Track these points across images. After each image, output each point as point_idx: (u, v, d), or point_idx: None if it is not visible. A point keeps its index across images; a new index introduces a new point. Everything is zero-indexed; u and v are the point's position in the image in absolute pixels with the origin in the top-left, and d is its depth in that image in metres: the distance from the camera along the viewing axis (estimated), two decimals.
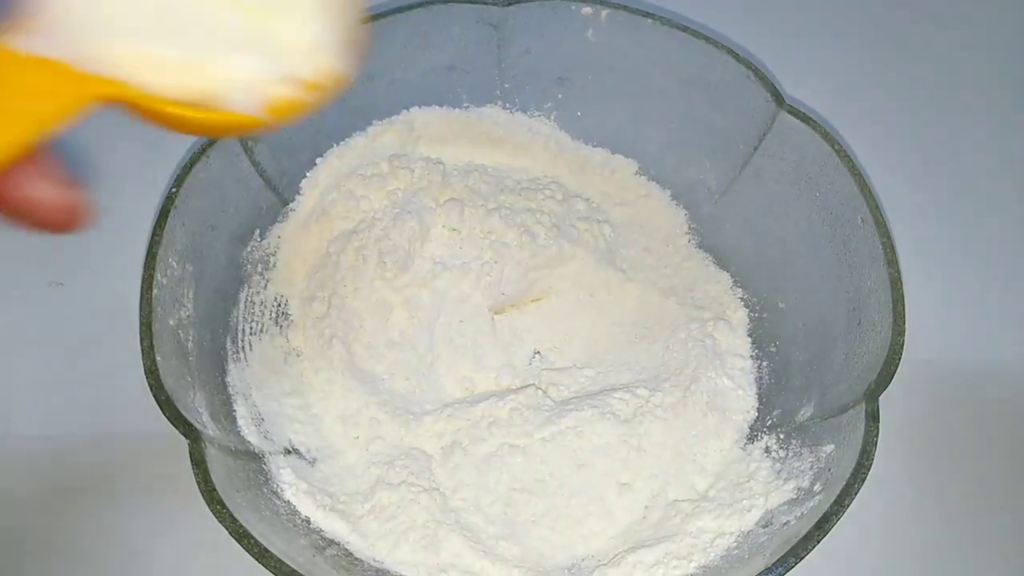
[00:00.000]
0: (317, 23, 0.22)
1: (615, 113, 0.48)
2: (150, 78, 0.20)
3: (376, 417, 0.41)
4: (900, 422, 0.41)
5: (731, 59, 0.43)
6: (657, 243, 0.47)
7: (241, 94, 0.21)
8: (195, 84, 0.21)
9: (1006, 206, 0.52)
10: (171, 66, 0.20)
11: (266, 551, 0.30)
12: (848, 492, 0.32)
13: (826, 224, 0.41)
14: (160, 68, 0.20)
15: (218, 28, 0.21)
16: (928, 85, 0.57)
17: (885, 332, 0.35)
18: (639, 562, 0.36)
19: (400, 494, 0.38)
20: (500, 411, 0.41)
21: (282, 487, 0.37)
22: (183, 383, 0.35)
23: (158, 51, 0.20)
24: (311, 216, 0.45)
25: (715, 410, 0.41)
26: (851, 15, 0.60)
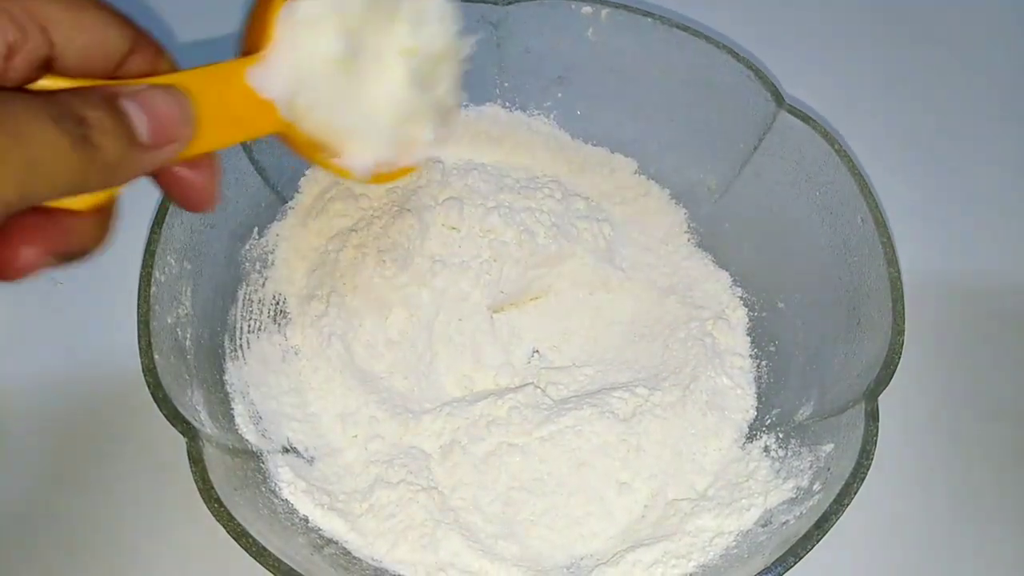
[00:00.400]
0: (428, 133, 0.31)
1: (615, 112, 0.48)
2: (313, 128, 0.28)
3: (375, 416, 0.41)
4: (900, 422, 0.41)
5: (731, 58, 0.43)
6: (656, 242, 0.47)
7: (360, 162, 0.29)
8: (336, 144, 0.28)
9: (1006, 205, 0.52)
10: (329, 129, 0.28)
11: (264, 550, 0.30)
12: (847, 491, 0.32)
13: (826, 223, 0.41)
14: (321, 126, 0.28)
15: (371, 118, 0.29)
16: (928, 85, 0.57)
17: (885, 331, 0.35)
18: (638, 561, 0.36)
19: (399, 493, 0.38)
20: (499, 410, 0.41)
21: (280, 485, 0.37)
22: (181, 381, 0.35)
23: (327, 117, 0.27)
24: (310, 214, 0.45)
25: (714, 409, 0.41)
26: (851, 15, 0.60)
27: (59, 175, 0.21)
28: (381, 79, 0.29)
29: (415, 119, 0.30)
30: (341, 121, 0.28)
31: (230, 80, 0.26)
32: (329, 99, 0.27)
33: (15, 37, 0.22)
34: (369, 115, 0.29)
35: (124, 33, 0.24)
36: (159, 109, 0.23)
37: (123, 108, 0.22)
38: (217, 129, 0.25)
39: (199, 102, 0.24)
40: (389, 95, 0.29)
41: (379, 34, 0.29)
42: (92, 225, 0.24)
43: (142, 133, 0.22)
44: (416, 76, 0.29)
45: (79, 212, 0.23)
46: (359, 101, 0.28)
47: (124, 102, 0.22)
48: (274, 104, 0.26)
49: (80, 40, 0.23)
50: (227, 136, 0.26)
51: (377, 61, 0.29)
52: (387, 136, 0.29)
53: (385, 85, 0.29)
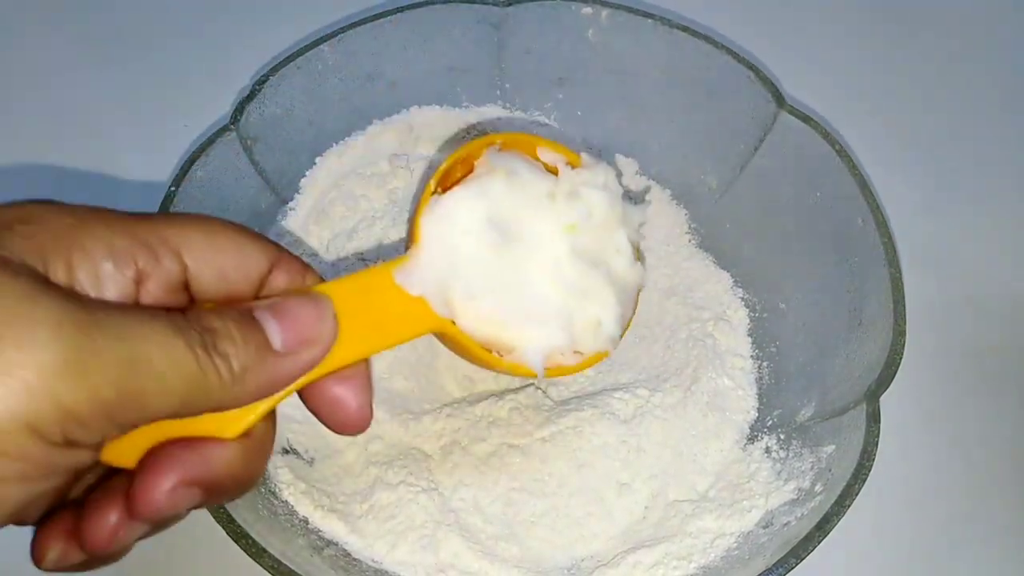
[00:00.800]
0: (611, 315, 0.29)
1: (615, 113, 0.48)
2: (473, 326, 0.26)
3: (375, 416, 0.41)
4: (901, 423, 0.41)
5: (732, 59, 0.43)
6: (657, 243, 0.47)
7: (534, 356, 0.27)
8: (503, 337, 0.27)
9: (1007, 205, 0.52)
10: (492, 320, 0.26)
11: (263, 551, 0.30)
12: (849, 493, 0.32)
13: (827, 224, 0.41)
14: (483, 320, 0.26)
15: (540, 301, 0.27)
16: (928, 85, 0.57)
17: (886, 332, 0.35)
18: (639, 563, 0.36)
19: (399, 494, 0.38)
20: (499, 411, 0.41)
21: (280, 487, 0.37)
22: None
23: (487, 307, 0.26)
24: (310, 215, 0.45)
25: (715, 410, 0.41)
26: (851, 15, 0.60)
27: (172, 379, 0.19)
28: (545, 261, 0.27)
29: (590, 299, 0.28)
30: (504, 309, 0.27)
31: (377, 283, 0.25)
32: (487, 287, 0.26)
33: (145, 263, 0.21)
34: (535, 300, 0.27)
35: (263, 252, 0.24)
36: (293, 311, 0.22)
37: (255, 316, 0.22)
38: (366, 334, 0.24)
39: (344, 307, 0.23)
40: (555, 277, 0.27)
41: (537, 215, 0.27)
42: (240, 453, 0.22)
43: (275, 338, 0.22)
44: (583, 252, 0.28)
45: (225, 440, 0.22)
46: (521, 287, 0.27)
47: (256, 311, 0.22)
48: (426, 301, 0.25)
49: (216, 262, 0.23)
50: (378, 342, 0.25)
51: (538, 243, 0.27)
52: (559, 320, 0.27)
53: (549, 267, 0.27)
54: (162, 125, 0.52)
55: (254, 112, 0.41)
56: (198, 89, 0.54)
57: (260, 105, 0.42)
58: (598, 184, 0.29)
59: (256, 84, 0.42)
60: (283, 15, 0.58)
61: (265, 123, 0.42)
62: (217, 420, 0.22)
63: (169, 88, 0.54)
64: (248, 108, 0.41)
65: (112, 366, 0.18)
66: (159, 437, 0.21)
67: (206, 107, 0.51)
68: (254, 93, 0.41)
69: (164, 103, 0.54)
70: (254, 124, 0.41)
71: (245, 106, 0.41)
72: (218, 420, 0.22)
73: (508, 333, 0.27)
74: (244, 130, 0.41)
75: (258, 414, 0.23)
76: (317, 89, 0.44)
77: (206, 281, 0.23)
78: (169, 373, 0.19)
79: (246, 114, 0.41)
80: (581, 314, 0.28)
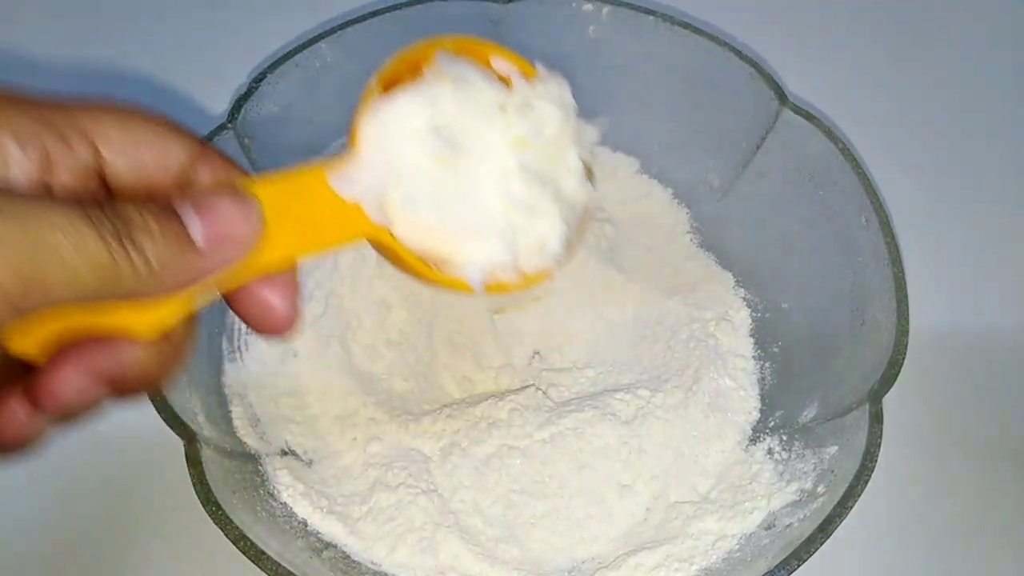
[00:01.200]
0: (556, 233, 0.27)
1: (616, 111, 0.47)
2: (410, 235, 0.25)
3: (374, 417, 0.41)
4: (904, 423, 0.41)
5: (734, 56, 0.42)
6: (659, 242, 0.47)
7: (474, 271, 0.26)
8: (442, 250, 0.26)
9: (1011, 205, 0.52)
10: (432, 231, 0.25)
11: (262, 553, 0.30)
12: (851, 494, 0.32)
13: (829, 223, 0.40)
14: (423, 230, 0.25)
15: (483, 215, 0.26)
16: (932, 83, 0.57)
17: (889, 332, 0.35)
18: (640, 564, 0.36)
19: (398, 496, 0.37)
20: (499, 412, 0.41)
21: (279, 488, 0.36)
22: (178, 384, 0.34)
23: (427, 218, 0.25)
24: None
25: (717, 411, 0.41)
26: (854, 12, 0.60)
27: (81, 268, 0.19)
28: (491, 175, 0.26)
29: (536, 216, 0.27)
30: (444, 221, 0.25)
31: (310, 185, 0.24)
32: (427, 197, 0.25)
33: (55, 149, 0.21)
34: (478, 214, 0.26)
35: (184, 145, 0.23)
36: (217, 207, 0.21)
37: (176, 209, 0.21)
38: (295, 237, 0.23)
39: (273, 207, 0.22)
40: (501, 192, 0.26)
41: (486, 127, 0.26)
42: (154, 353, 0.22)
43: (196, 234, 0.21)
44: (531, 168, 0.27)
45: (140, 339, 0.21)
46: (465, 199, 0.26)
47: (178, 205, 0.21)
48: (362, 207, 0.24)
49: (133, 153, 0.22)
50: (307, 245, 0.24)
51: (485, 155, 0.26)
52: (502, 236, 0.26)
53: (495, 181, 0.26)
54: None
55: (251, 110, 0.41)
56: (194, 87, 0.53)
57: (257, 103, 0.41)
58: (552, 98, 0.27)
59: (253, 82, 0.41)
60: (281, 12, 0.58)
61: (263, 121, 0.42)
62: (133, 317, 0.21)
63: (165, 86, 0.54)
64: (245, 106, 0.41)
65: (12, 252, 0.18)
66: (72, 328, 0.21)
67: (203, 105, 0.51)
68: (251, 91, 0.41)
69: (160, 101, 0.53)
70: (251, 122, 0.41)
71: (242, 104, 0.40)
72: (134, 317, 0.21)
73: (447, 247, 0.26)
74: (241, 128, 0.40)
75: (176, 317, 0.22)
76: (315, 87, 0.44)
77: (123, 173, 0.22)
78: (78, 263, 0.19)
79: (243, 112, 0.40)
80: (526, 232, 0.27)
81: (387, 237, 0.25)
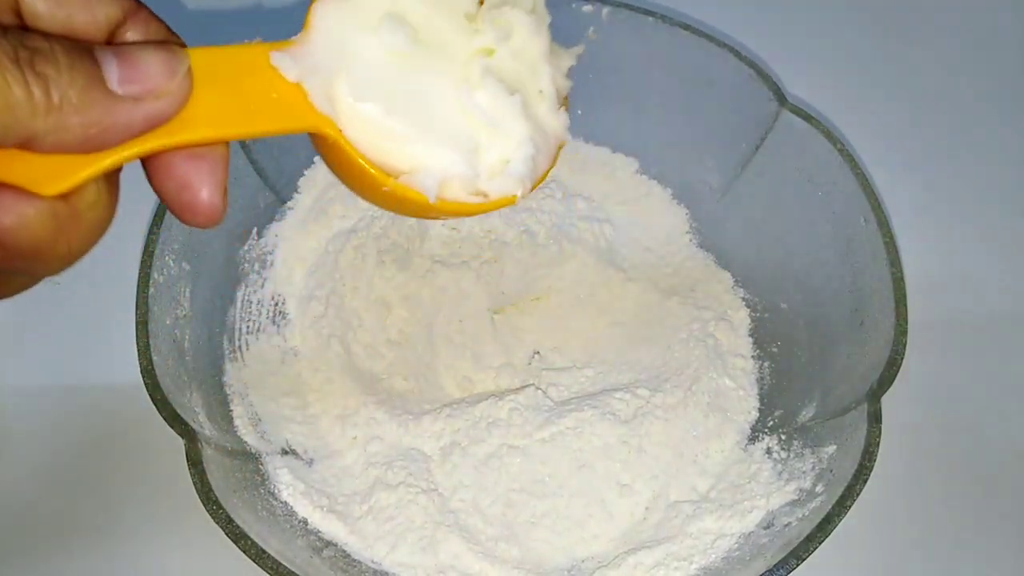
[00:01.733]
0: (521, 157, 0.25)
1: (616, 111, 0.48)
2: (361, 134, 0.22)
3: (374, 417, 0.41)
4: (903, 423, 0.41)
5: (733, 57, 0.42)
6: (658, 242, 0.47)
7: (428, 179, 0.23)
8: (395, 154, 0.23)
9: (1010, 205, 0.52)
10: (384, 131, 0.22)
11: (263, 552, 0.30)
12: (850, 493, 0.32)
13: (828, 223, 0.40)
14: (374, 129, 0.22)
15: (442, 122, 0.23)
16: (931, 84, 0.57)
17: (888, 332, 0.35)
18: (639, 563, 0.36)
19: (398, 495, 0.38)
20: (499, 411, 0.41)
21: (279, 488, 0.37)
22: (179, 383, 0.35)
23: (381, 117, 0.22)
24: (309, 215, 0.45)
25: (716, 411, 0.41)
26: (854, 14, 0.60)
27: None
28: (453, 79, 0.24)
29: (500, 132, 0.24)
30: (397, 121, 0.22)
31: (249, 58, 0.22)
32: (380, 92, 0.22)
33: None
34: (436, 119, 0.23)
35: (117, 3, 0.21)
36: (139, 55, 0.19)
37: (94, 52, 0.19)
38: (228, 113, 0.21)
39: (206, 75, 0.20)
40: (463, 98, 0.24)
41: (450, 28, 0.24)
42: (50, 216, 0.19)
43: (111, 76, 0.18)
44: (497, 78, 0.24)
45: (31, 193, 0.18)
46: (422, 101, 0.23)
47: (96, 49, 0.19)
48: (305, 91, 0.22)
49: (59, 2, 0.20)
50: (242, 125, 0.22)
51: (448, 58, 0.24)
52: (462, 147, 0.24)
53: (457, 87, 0.24)
54: None
55: None
56: None
57: None
58: (525, 5, 0.25)
59: None
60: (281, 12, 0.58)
61: None
62: (36, 171, 0.18)
63: None
64: None
65: None
66: None
67: None
68: None
69: None
70: None
71: None
72: (37, 171, 0.18)
73: (398, 152, 0.23)
74: None
75: (86, 173, 0.19)
76: None
77: (44, 16, 0.20)
78: None
79: None
80: (489, 146, 0.24)
81: (333, 130, 0.22)
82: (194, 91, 0.20)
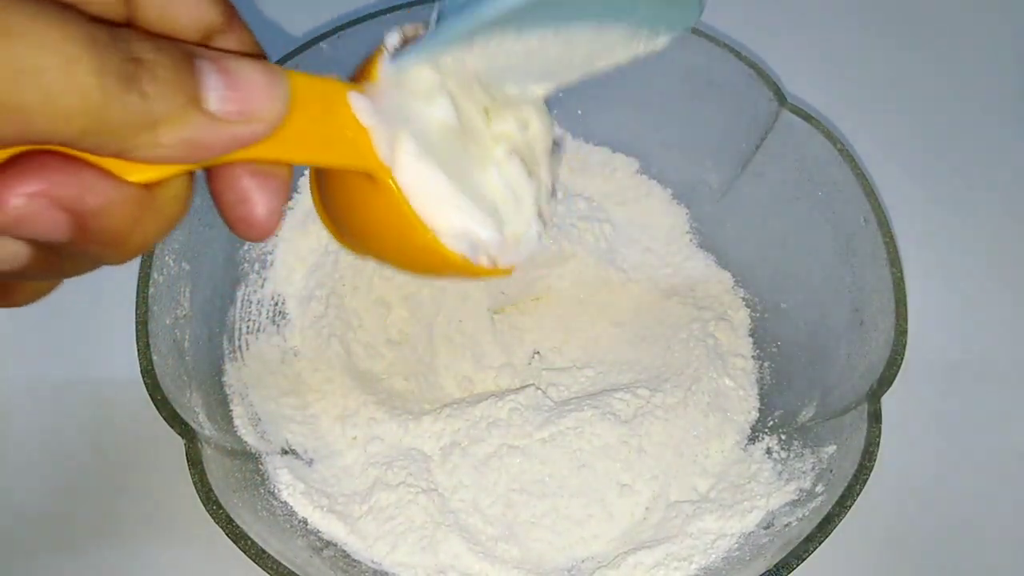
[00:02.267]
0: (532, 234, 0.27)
1: (616, 111, 0.48)
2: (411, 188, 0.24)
3: (374, 417, 0.41)
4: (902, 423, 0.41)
5: (733, 57, 0.42)
6: (658, 242, 0.47)
7: (449, 239, 0.25)
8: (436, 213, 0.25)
9: (1009, 206, 0.52)
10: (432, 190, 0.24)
11: (263, 552, 0.30)
12: (850, 493, 0.32)
13: (828, 224, 0.40)
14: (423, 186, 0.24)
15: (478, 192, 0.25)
16: (931, 84, 0.57)
17: (888, 332, 0.35)
18: (639, 563, 0.36)
19: (398, 495, 0.38)
20: (499, 411, 0.41)
21: (279, 487, 0.37)
22: (179, 383, 0.35)
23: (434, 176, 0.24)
24: (309, 215, 0.45)
25: (716, 411, 0.41)
26: (854, 13, 0.60)
27: (66, 102, 0.15)
28: (485, 156, 0.26)
29: (520, 210, 0.27)
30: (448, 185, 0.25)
31: (332, 92, 0.23)
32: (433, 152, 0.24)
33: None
34: (473, 189, 0.25)
35: (217, 6, 0.20)
36: (243, 73, 0.18)
37: (195, 63, 0.18)
38: (303, 139, 0.22)
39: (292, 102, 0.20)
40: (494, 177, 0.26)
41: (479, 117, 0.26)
42: (133, 200, 0.18)
43: (211, 96, 0.18)
44: (521, 162, 0.27)
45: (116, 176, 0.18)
46: (464, 170, 0.25)
47: (199, 58, 0.18)
48: (371, 136, 0.23)
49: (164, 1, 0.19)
50: (311, 151, 0.22)
51: (477, 141, 0.26)
52: (494, 217, 0.26)
53: (490, 163, 0.26)
54: None
55: None
56: None
57: None
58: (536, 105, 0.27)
59: None
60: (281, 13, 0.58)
61: None
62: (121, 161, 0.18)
63: None
64: None
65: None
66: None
67: None
68: None
69: None
70: None
71: None
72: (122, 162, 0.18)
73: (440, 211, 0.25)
74: None
75: (177, 169, 0.19)
76: None
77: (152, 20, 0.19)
78: (63, 94, 0.15)
79: None
80: (510, 221, 0.27)
81: (389, 176, 0.24)
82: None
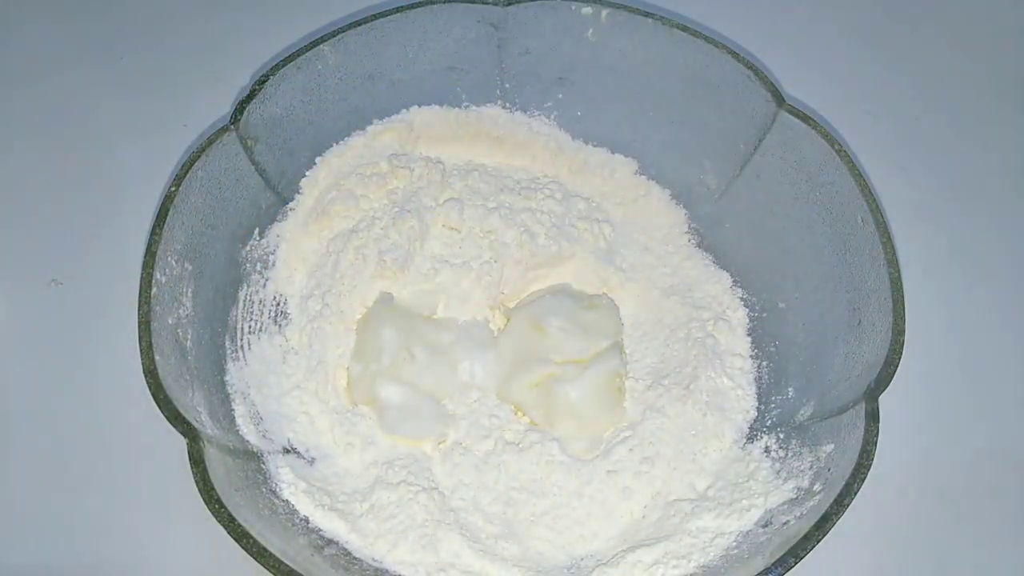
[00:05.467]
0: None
1: (615, 113, 0.48)
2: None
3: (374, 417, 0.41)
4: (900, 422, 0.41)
5: (731, 59, 0.43)
6: (657, 243, 0.47)
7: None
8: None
9: (1006, 206, 0.52)
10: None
11: (264, 550, 0.30)
12: (848, 492, 0.32)
13: (826, 224, 0.41)
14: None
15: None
16: (928, 86, 0.57)
17: (885, 332, 0.35)
18: (638, 561, 0.36)
19: (399, 493, 0.38)
20: (499, 410, 0.41)
21: (281, 486, 0.37)
22: (182, 382, 0.35)
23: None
24: (310, 215, 0.45)
25: (715, 410, 0.41)
26: (851, 16, 0.60)
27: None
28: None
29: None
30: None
31: None
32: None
33: None
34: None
35: None
36: None
37: None
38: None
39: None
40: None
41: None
42: None
43: None
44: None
45: None
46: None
47: None
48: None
49: None
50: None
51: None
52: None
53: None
54: (162, 125, 0.52)
55: (254, 112, 0.41)
56: (198, 89, 0.54)
57: (260, 105, 0.42)
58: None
59: (256, 84, 0.42)
60: (283, 15, 0.58)
61: (265, 123, 0.42)
62: None
63: (168, 88, 0.54)
64: (248, 108, 0.41)
65: None
66: None
67: (206, 107, 0.51)
68: (254, 93, 0.41)
69: (163, 103, 0.54)
70: (254, 124, 0.41)
71: (245, 106, 0.41)
72: None
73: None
74: (244, 130, 0.41)
75: None
76: (317, 89, 0.44)
77: None
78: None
79: (246, 114, 0.41)
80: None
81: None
82: None
